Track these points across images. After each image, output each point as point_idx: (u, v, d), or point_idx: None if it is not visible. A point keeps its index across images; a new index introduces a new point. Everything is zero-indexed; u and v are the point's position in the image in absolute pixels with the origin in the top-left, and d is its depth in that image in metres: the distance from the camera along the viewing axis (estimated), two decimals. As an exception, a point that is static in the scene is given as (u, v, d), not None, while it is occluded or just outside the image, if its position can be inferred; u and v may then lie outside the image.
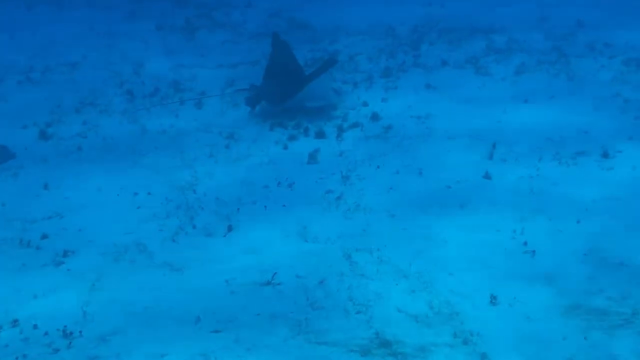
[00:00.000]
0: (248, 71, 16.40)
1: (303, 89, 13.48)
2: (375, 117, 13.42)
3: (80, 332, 7.89)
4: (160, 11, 22.22)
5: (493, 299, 8.28)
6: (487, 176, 11.19)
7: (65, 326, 7.93)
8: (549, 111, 13.57)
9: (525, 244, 9.45)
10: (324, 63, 13.98)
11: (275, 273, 8.85)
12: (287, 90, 13.61)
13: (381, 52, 17.42)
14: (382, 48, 17.65)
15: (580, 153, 11.89)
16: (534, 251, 9.28)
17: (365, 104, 14.14)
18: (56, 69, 17.08)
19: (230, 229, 10.10)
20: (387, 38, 18.54)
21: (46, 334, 7.87)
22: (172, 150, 12.70)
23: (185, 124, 13.64)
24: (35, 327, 7.99)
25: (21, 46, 19.07)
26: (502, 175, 11.28)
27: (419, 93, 14.65)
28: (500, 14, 20.11)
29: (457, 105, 13.97)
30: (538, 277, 8.76)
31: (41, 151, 12.77)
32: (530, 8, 20.93)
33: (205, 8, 22.37)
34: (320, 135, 12.81)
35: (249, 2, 22.52)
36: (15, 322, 8.08)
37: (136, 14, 22.11)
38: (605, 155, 11.77)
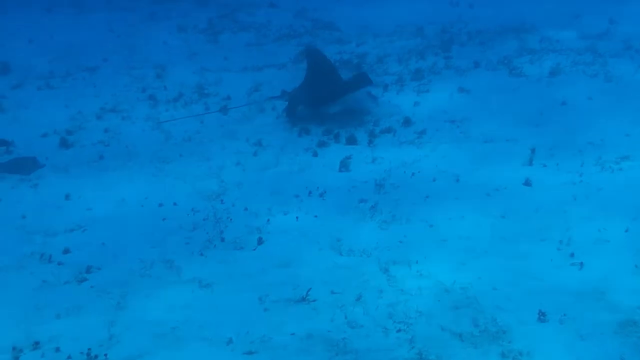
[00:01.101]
0: (274, 74, 15.98)
1: (339, 98, 13.12)
2: (407, 121, 12.95)
3: (106, 355, 7.47)
4: (181, 12, 21.86)
5: (541, 316, 7.82)
6: (527, 183, 10.73)
7: (89, 349, 7.52)
8: (588, 114, 13.03)
9: (572, 255, 8.96)
10: (359, 78, 13.47)
11: (309, 289, 8.41)
12: (325, 96, 13.12)
13: (411, 53, 16.93)
14: (411, 49, 17.15)
15: (624, 158, 11.38)
16: (581, 263, 8.75)
17: (396, 108, 13.64)
18: (76, 74, 16.66)
19: (260, 241, 9.65)
20: (415, 39, 18.05)
21: (69, 358, 7.40)
22: (197, 157, 12.27)
23: (210, 131, 13.20)
24: (57, 350, 7.60)
25: (40, 50, 18.71)
26: (544, 181, 10.82)
27: (452, 96, 14.15)
28: (530, 12, 19.45)
29: (493, 109, 13.44)
30: (588, 291, 8.28)
31: (62, 160, 12.36)
32: (559, 5, 20.21)
33: (227, 8, 21.98)
34: (351, 141, 12.35)
35: (272, 2, 22.05)
36: (36, 345, 7.68)
37: (157, 15, 21.73)
38: (652, 159, 11.15)
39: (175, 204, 10.77)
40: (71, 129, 13.62)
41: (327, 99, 13.07)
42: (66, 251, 9.61)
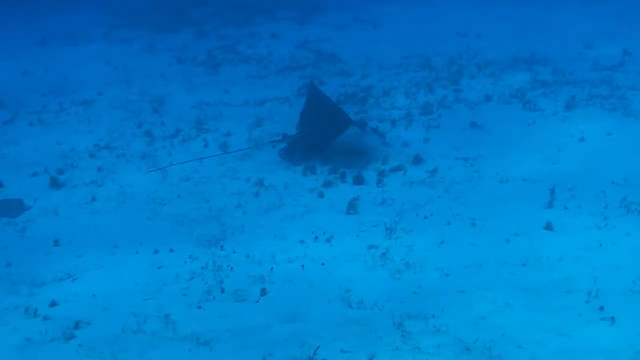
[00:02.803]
0: (277, 108, 15.31)
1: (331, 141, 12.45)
2: (418, 159, 12.26)
3: None
4: (180, 43, 21.22)
5: (573, 379, 6.98)
6: (548, 227, 10.06)
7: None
8: (609, 150, 12.33)
9: (602, 308, 8.27)
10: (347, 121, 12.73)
11: (317, 347, 7.74)
12: (328, 135, 12.43)
13: (418, 86, 16.23)
14: (419, 82, 16.46)
15: (651, 198, 10.56)
16: (613, 317, 8.04)
17: (406, 145, 12.97)
18: (70, 108, 16.01)
19: (264, 292, 8.98)
20: (423, 70, 17.36)
21: None
22: (196, 199, 11.63)
23: (209, 169, 12.54)
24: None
25: (34, 83, 18.07)
26: (566, 225, 10.15)
27: (464, 132, 13.45)
28: (540, 42, 18.80)
29: (507, 145, 12.72)
30: (621, 349, 7.60)
31: (52, 202, 11.72)
32: (569, 35, 19.58)
33: (228, 40, 21.35)
34: (359, 180, 11.69)
35: (273, 33, 21.44)
36: (16, 416, 6.84)
37: (155, 47, 21.10)
38: (681, 201, 10.45)
39: (171, 250, 10.12)
40: (63, 167, 12.96)
41: (323, 142, 12.35)
42: (53, 304, 8.95)
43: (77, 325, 8.45)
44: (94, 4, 25.66)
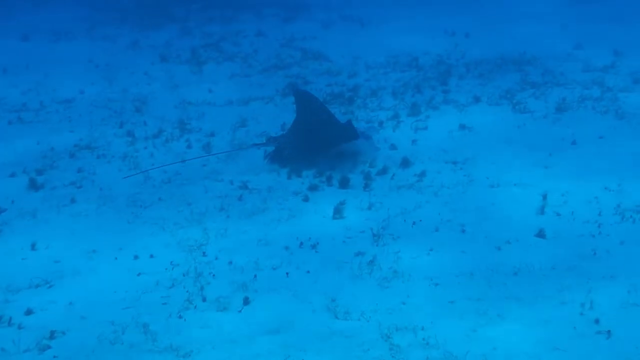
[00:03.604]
0: (261, 108, 14.99)
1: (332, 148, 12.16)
2: (406, 162, 11.94)
3: None
4: (164, 41, 20.90)
5: (571, 397, 6.71)
6: (541, 234, 9.76)
7: None
8: (601, 155, 12.06)
9: (597, 321, 8.01)
10: (349, 131, 12.38)
11: (302, 361, 7.26)
12: (318, 146, 12.13)
13: (406, 86, 15.94)
14: (406, 82, 16.17)
15: (647, 204, 10.28)
16: (609, 331, 7.80)
17: (393, 147, 12.66)
18: (51, 107, 15.64)
19: (247, 301, 8.66)
20: (411, 70, 17.09)
21: None
22: (177, 201, 11.27)
23: (192, 171, 12.19)
24: None
25: (14, 80, 17.70)
26: (559, 232, 9.88)
27: (452, 134, 13.16)
28: (530, 42, 18.56)
29: (497, 148, 12.44)
30: (618, 365, 7.16)
31: (30, 204, 11.34)
32: (559, 35, 19.35)
33: (212, 37, 21.02)
34: (345, 184, 11.36)
35: (259, 31, 21.15)
36: None
37: (139, 44, 20.76)
38: (677, 207, 10.18)
39: (152, 256, 9.79)
40: (42, 168, 12.60)
41: (319, 149, 12.02)
42: (29, 312, 8.62)
43: (52, 335, 8.14)
44: (76, 0, 25.26)
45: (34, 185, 11.96)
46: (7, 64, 18.89)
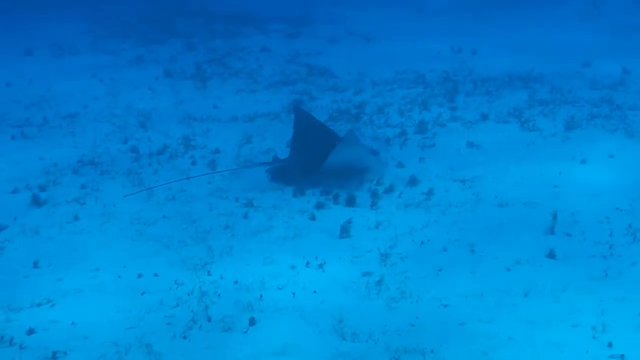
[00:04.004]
0: (267, 125, 14.82)
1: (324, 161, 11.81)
2: (413, 180, 11.79)
3: None
4: (168, 56, 20.82)
5: None
6: (551, 255, 9.56)
7: None
8: (612, 174, 11.91)
9: (610, 345, 7.83)
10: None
11: (309, 384, 7.10)
12: (320, 157, 11.89)
13: (413, 103, 15.81)
14: (413, 98, 16.03)
15: (657, 226, 10.11)
16: (622, 355, 7.65)
17: (400, 165, 12.49)
18: (54, 122, 15.52)
19: (252, 322, 8.49)
20: (417, 87, 16.94)
21: None
22: (182, 219, 11.13)
23: (197, 188, 12.02)
24: None
25: (17, 95, 17.62)
26: (569, 254, 9.70)
27: (460, 152, 13.00)
28: (536, 59, 18.42)
29: (505, 167, 12.30)
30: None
31: (33, 221, 11.20)
32: (566, 52, 19.21)
33: (217, 53, 20.93)
34: (351, 202, 11.21)
35: (263, 46, 21.04)
36: None
37: (143, 59, 20.69)
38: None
39: (156, 274, 9.64)
40: (45, 184, 12.44)
41: (316, 164, 11.84)
42: (30, 332, 8.46)
43: (54, 356, 8.00)
44: (80, 15, 25.24)
45: (36, 202, 11.81)
46: (11, 78, 18.84)
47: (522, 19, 23.31)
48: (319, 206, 11.23)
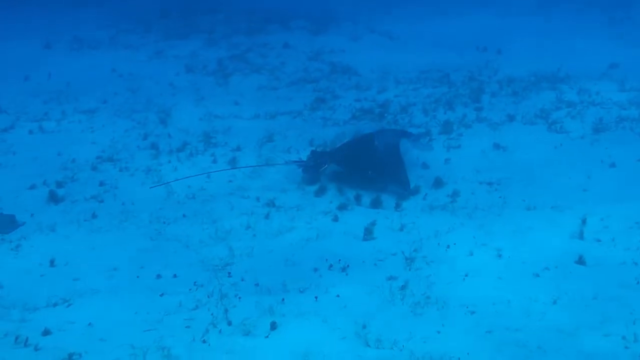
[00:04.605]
0: (289, 123, 14.58)
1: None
2: (438, 182, 11.54)
3: None
4: (189, 51, 20.56)
5: None
6: (580, 261, 9.31)
7: None
8: (641, 178, 11.49)
9: (644, 356, 7.43)
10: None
11: (331, 393, 6.85)
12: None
13: (437, 103, 15.53)
14: (438, 98, 15.75)
15: (691, 231, 9.82)
16: (655, 367, 7.26)
17: (425, 166, 12.23)
18: (73, 116, 15.31)
19: (274, 326, 8.25)
20: (442, 86, 16.65)
21: None
22: (202, 219, 10.91)
23: (217, 187, 11.83)
24: None
25: (36, 89, 17.40)
26: (599, 260, 9.43)
27: (486, 154, 12.74)
28: (563, 59, 18.04)
29: (532, 169, 12.00)
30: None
31: (50, 217, 11.00)
32: (593, 52, 18.85)
33: (239, 48, 20.67)
34: (376, 204, 10.99)
35: (286, 43, 20.74)
36: None
37: (163, 54, 20.44)
38: None
39: (175, 275, 9.42)
40: (62, 180, 12.25)
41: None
42: (46, 332, 8.25)
43: (70, 358, 7.79)
44: (101, 9, 25.03)
45: (54, 198, 11.63)
46: (29, 71, 18.63)
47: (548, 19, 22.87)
48: (343, 207, 11.05)
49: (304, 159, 12.31)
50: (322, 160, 11.93)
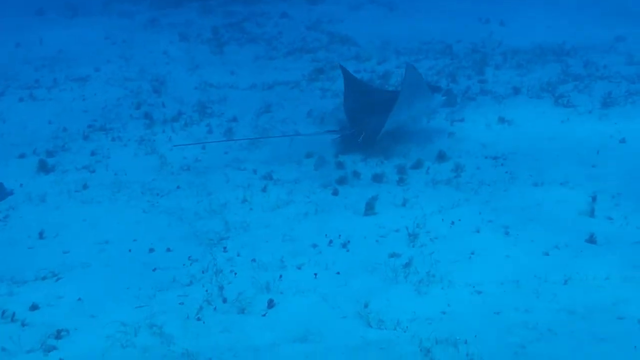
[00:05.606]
0: (286, 93, 14.17)
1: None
2: (442, 156, 11.19)
3: None
4: (184, 19, 20.25)
5: None
6: (591, 240, 8.93)
7: None
8: (653, 154, 11.14)
9: (658, 339, 7.08)
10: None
11: (333, 376, 6.48)
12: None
13: (440, 74, 15.16)
14: (440, 70, 15.41)
15: None
16: (671, 352, 6.92)
17: (428, 140, 11.80)
18: (64, 84, 14.99)
19: (271, 304, 7.90)
20: (444, 58, 16.31)
21: None
22: (197, 191, 10.58)
23: (212, 158, 11.49)
24: None
25: (27, 56, 17.08)
26: (611, 239, 9.05)
27: (491, 127, 12.39)
28: (567, 32, 17.68)
29: (539, 143, 11.63)
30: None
31: (39, 188, 10.70)
32: (598, 25, 18.47)
33: (235, 17, 20.33)
34: (377, 178, 10.65)
35: (283, 12, 20.37)
36: None
37: (157, 22, 20.11)
38: None
39: (168, 249, 9.07)
40: (53, 149, 11.96)
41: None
42: (34, 307, 7.91)
43: (59, 335, 7.44)
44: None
45: (44, 168, 11.33)
46: (21, 38, 18.34)
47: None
48: (343, 180, 10.68)
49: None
50: (360, 129, 11.50)
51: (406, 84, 11.20)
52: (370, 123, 11.40)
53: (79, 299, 8.10)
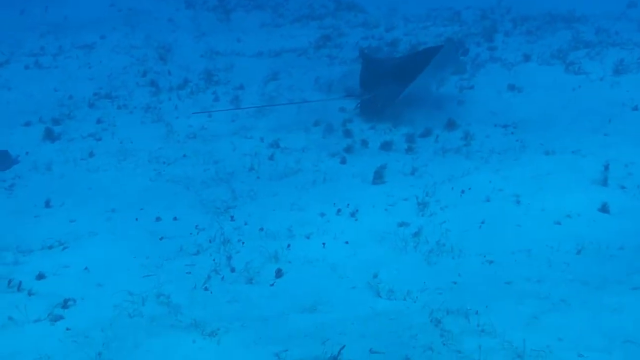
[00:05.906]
0: (293, 61, 14.09)
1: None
2: (451, 124, 11.08)
3: None
4: (190, -14, 19.84)
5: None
6: (604, 209, 8.82)
7: None
8: (665, 123, 11.00)
9: (673, 311, 6.98)
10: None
11: (343, 347, 6.53)
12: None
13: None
14: (449, 37, 15.04)
15: None
16: (687, 321, 6.82)
17: (438, 107, 11.69)
18: (70, 52, 14.91)
19: (279, 274, 7.80)
20: (453, 25, 16.22)
21: None
22: (204, 159, 10.53)
23: (219, 126, 11.46)
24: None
25: (32, 23, 17.03)
26: (624, 208, 8.92)
27: (501, 95, 12.23)
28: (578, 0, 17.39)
29: (550, 111, 11.49)
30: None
31: (45, 156, 10.67)
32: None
33: (240, -17, 19.99)
34: (386, 146, 10.55)
35: (290, -22, 20.08)
36: None
37: (163, -11, 19.74)
38: None
39: (175, 218, 9.00)
40: (59, 117, 11.93)
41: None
42: (40, 276, 7.84)
43: (65, 304, 7.37)
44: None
45: (50, 136, 11.29)
46: (26, 5, 18.21)
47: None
48: (350, 149, 10.62)
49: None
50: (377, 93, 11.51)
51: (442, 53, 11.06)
52: (389, 85, 11.20)
53: (86, 268, 8.03)
